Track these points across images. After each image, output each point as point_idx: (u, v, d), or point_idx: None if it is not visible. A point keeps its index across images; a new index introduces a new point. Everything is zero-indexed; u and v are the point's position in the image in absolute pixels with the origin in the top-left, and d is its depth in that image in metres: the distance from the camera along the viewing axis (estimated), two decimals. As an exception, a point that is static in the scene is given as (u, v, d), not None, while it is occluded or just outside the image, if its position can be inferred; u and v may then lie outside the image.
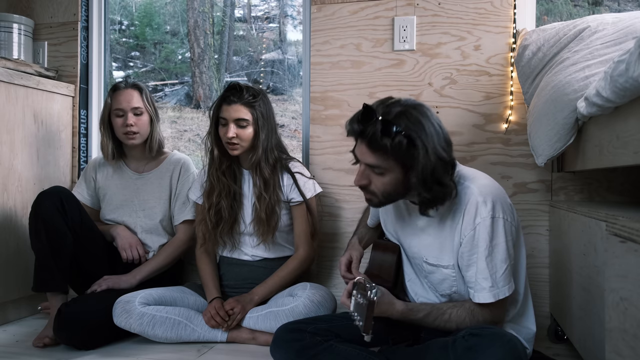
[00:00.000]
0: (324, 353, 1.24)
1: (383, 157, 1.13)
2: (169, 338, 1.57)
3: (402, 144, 1.10)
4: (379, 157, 1.13)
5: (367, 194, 1.21)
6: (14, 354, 1.55)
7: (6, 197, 1.87)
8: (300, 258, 1.73)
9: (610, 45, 1.33)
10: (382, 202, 1.22)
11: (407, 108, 1.13)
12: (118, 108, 1.80)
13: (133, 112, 1.80)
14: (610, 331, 0.78)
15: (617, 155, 1.06)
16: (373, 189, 1.19)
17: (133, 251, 1.82)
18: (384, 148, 1.10)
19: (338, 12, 1.97)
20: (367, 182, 1.19)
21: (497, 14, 1.81)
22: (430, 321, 1.21)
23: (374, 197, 1.20)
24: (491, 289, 1.15)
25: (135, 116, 1.80)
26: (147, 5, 3.17)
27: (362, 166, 1.18)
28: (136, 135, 1.82)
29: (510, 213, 1.19)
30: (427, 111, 1.16)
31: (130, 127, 1.79)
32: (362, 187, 1.20)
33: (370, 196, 1.21)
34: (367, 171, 1.18)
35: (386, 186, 1.17)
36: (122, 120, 1.80)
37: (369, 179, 1.18)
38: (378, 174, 1.16)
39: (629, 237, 0.73)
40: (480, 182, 1.21)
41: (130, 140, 1.82)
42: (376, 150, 1.12)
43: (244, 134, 1.66)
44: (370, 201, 1.23)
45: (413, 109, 1.14)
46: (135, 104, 1.81)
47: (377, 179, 1.17)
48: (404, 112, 1.12)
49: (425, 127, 1.11)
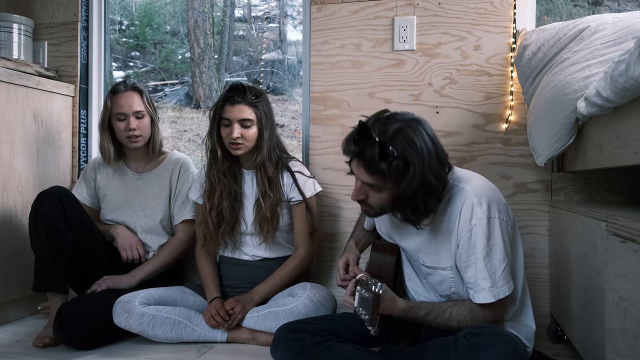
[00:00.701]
0: (324, 353, 1.24)
1: (380, 178, 1.15)
2: (169, 338, 1.57)
3: (399, 167, 1.11)
4: (375, 178, 1.15)
5: (364, 207, 1.25)
6: (14, 354, 1.55)
7: (6, 197, 1.87)
8: (300, 257, 1.73)
9: (610, 45, 1.33)
10: (379, 213, 1.25)
11: (402, 126, 1.13)
12: (120, 112, 1.79)
13: (135, 116, 1.80)
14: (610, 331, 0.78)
15: (617, 155, 1.06)
16: (370, 203, 1.22)
17: (133, 251, 1.82)
18: (381, 171, 1.12)
19: (338, 12, 1.97)
20: (365, 197, 1.22)
21: (497, 14, 1.81)
22: (432, 319, 1.21)
23: (371, 209, 1.24)
24: (491, 289, 1.16)
25: (137, 120, 1.80)
26: (147, 5, 3.17)
27: (359, 183, 1.21)
28: (139, 139, 1.82)
29: (505, 212, 1.20)
30: (422, 128, 1.16)
31: (133, 131, 1.79)
32: (359, 202, 1.24)
33: (367, 208, 1.24)
34: (363, 187, 1.20)
35: (383, 201, 1.20)
36: (124, 124, 1.80)
37: (366, 194, 1.21)
38: (375, 190, 1.19)
39: (629, 237, 0.73)
40: (475, 184, 1.21)
41: (134, 144, 1.82)
42: (373, 172, 1.14)
43: (248, 134, 1.66)
44: (368, 212, 1.26)
45: (408, 127, 1.14)
46: (137, 107, 1.80)
47: (374, 195, 1.20)
48: (400, 131, 1.12)
49: (418, 148, 1.12)
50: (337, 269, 1.44)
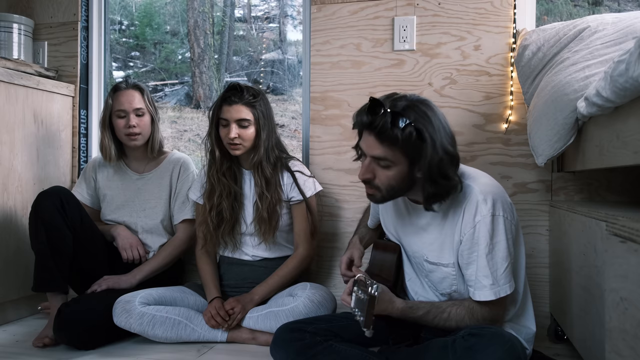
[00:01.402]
0: (324, 353, 1.24)
1: (391, 148, 1.12)
2: (169, 338, 1.57)
3: (412, 135, 1.10)
4: (386, 149, 1.13)
5: (370, 189, 1.21)
6: (14, 354, 1.55)
7: (6, 197, 1.87)
8: (300, 257, 1.74)
9: (610, 45, 1.33)
10: (385, 197, 1.21)
11: (413, 102, 1.14)
12: (120, 109, 1.80)
13: (135, 113, 1.80)
14: (610, 331, 0.78)
15: (617, 155, 1.06)
16: (377, 183, 1.18)
17: (133, 251, 1.82)
18: (393, 139, 1.10)
19: (338, 12, 1.97)
20: (372, 176, 1.18)
21: (497, 14, 1.81)
22: (430, 319, 1.21)
23: (378, 191, 1.20)
24: (492, 286, 1.16)
25: (137, 117, 1.81)
26: (147, 5, 3.17)
27: (368, 159, 1.18)
28: (138, 137, 1.82)
29: (510, 211, 1.20)
30: (433, 106, 1.17)
31: (132, 128, 1.79)
32: (366, 181, 1.20)
33: (374, 191, 1.20)
34: (372, 165, 1.17)
35: (391, 180, 1.17)
36: (124, 122, 1.80)
37: (374, 172, 1.18)
38: (384, 167, 1.16)
39: (629, 237, 0.73)
40: (481, 181, 1.21)
41: (133, 142, 1.82)
42: (384, 141, 1.12)
43: (246, 134, 1.66)
44: (373, 196, 1.22)
45: (420, 103, 1.14)
46: (137, 104, 1.81)
47: (382, 173, 1.17)
48: (411, 106, 1.13)
49: (432, 120, 1.12)
50: (340, 263, 1.45)
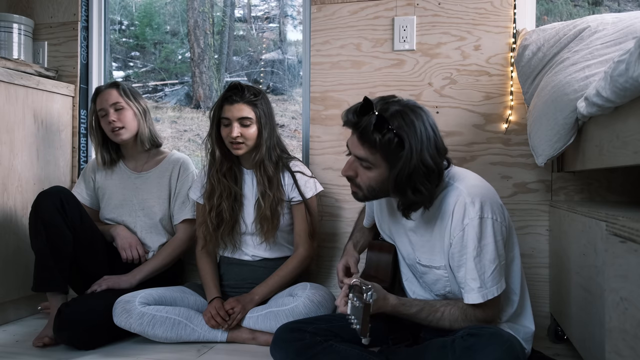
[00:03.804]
0: (324, 353, 1.24)
1: (371, 151, 1.14)
2: (169, 338, 1.57)
3: (392, 141, 1.11)
4: (367, 151, 1.15)
5: (353, 187, 1.24)
6: (14, 354, 1.55)
7: (6, 197, 1.87)
8: (300, 257, 1.73)
9: (610, 45, 1.33)
10: (367, 196, 1.23)
11: (404, 108, 1.14)
12: (100, 108, 1.84)
13: (113, 108, 1.82)
14: (610, 331, 0.78)
15: (617, 155, 1.06)
16: (359, 182, 1.21)
17: (133, 251, 1.82)
18: (372, 142, 1.12)
19: (338, 12, 1.97)
20: (354, 174, 1.21)
21: (497, 14, 1.81)
22: (423, 317, 1.21)
23: (359, 190, 1.23)
24: (479, 289, 1.16)
25: (116, 112, 1.82)
26: (147, 5, 3.17)
27: (352, 158, 1.20)
28: (122, 130, 1.83)
29: (500, 213, 1.19)
30: (424, 115, 1.16)
31: (113, 122, 1.81)
32: (348, 179, 1.23)
33: (356, 189, 1.23)
34: (355, 163, 1.20)
35: (371, 181, 1.19)
36: (106, 119, 1.83)
37: (356, 171, 1.20)
38: (365, 167, 1.18)
39: (629, 237, 0.73)
40: (469, 183, 1.21)
41: (118, 137, 1.83)
42: (365, 143, 1.14)
43: (248, 133, 1.66)
44: (356, 194, 1.25)
45: (410, 110, 1.14)
46: (114, 100, 1.83)
47: (364, 173, 1.19)
48: (400, 112, 1.13)
49: (417, 130, 1.12)
50: (337, 271, 1.44)
